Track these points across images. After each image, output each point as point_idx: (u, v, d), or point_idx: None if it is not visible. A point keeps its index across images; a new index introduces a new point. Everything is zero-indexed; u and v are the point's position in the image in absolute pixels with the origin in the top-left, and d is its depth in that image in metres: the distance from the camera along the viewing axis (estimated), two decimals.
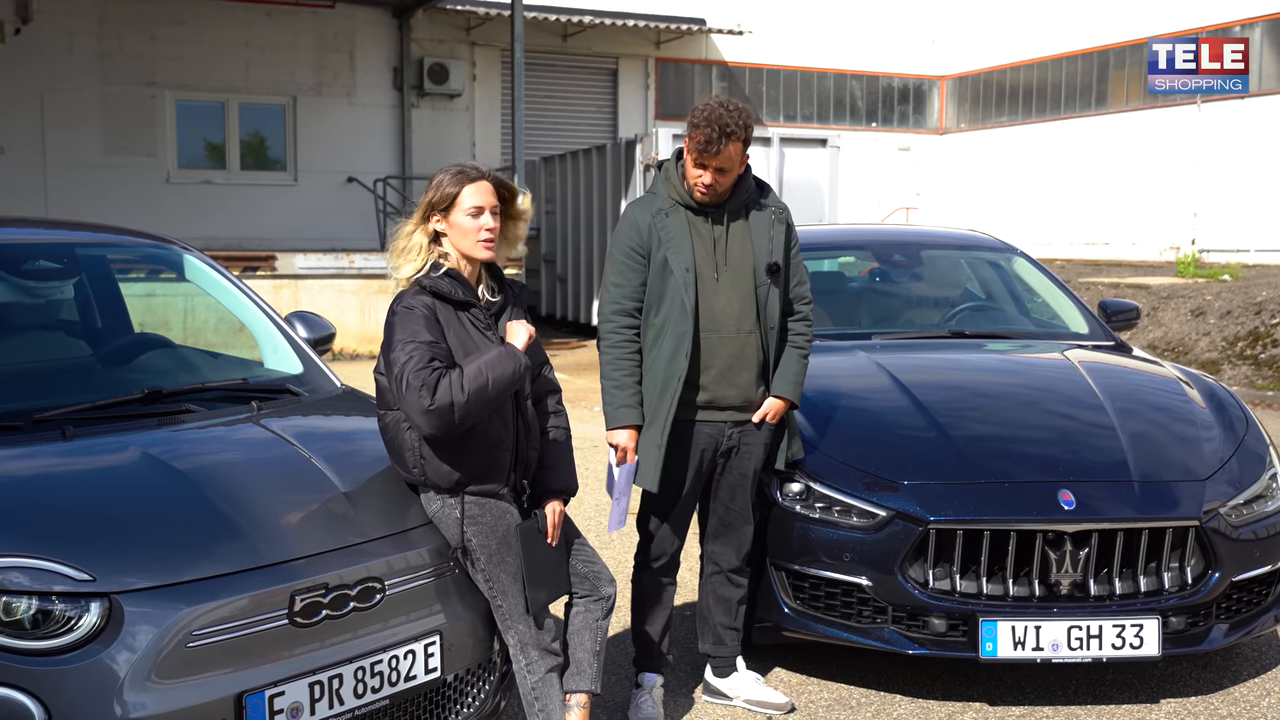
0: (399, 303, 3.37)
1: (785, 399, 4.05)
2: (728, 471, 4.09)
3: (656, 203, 4.01)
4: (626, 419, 3.95)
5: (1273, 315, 13.42)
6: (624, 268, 3.99)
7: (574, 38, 23.01)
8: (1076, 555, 4.05)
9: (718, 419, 4.01)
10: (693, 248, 3.94)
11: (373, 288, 15.80)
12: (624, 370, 3.97)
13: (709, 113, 3.84)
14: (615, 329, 3.99)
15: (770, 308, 3.99)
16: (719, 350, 3.95)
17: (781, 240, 4.03)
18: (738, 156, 3.88)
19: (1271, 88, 21.17)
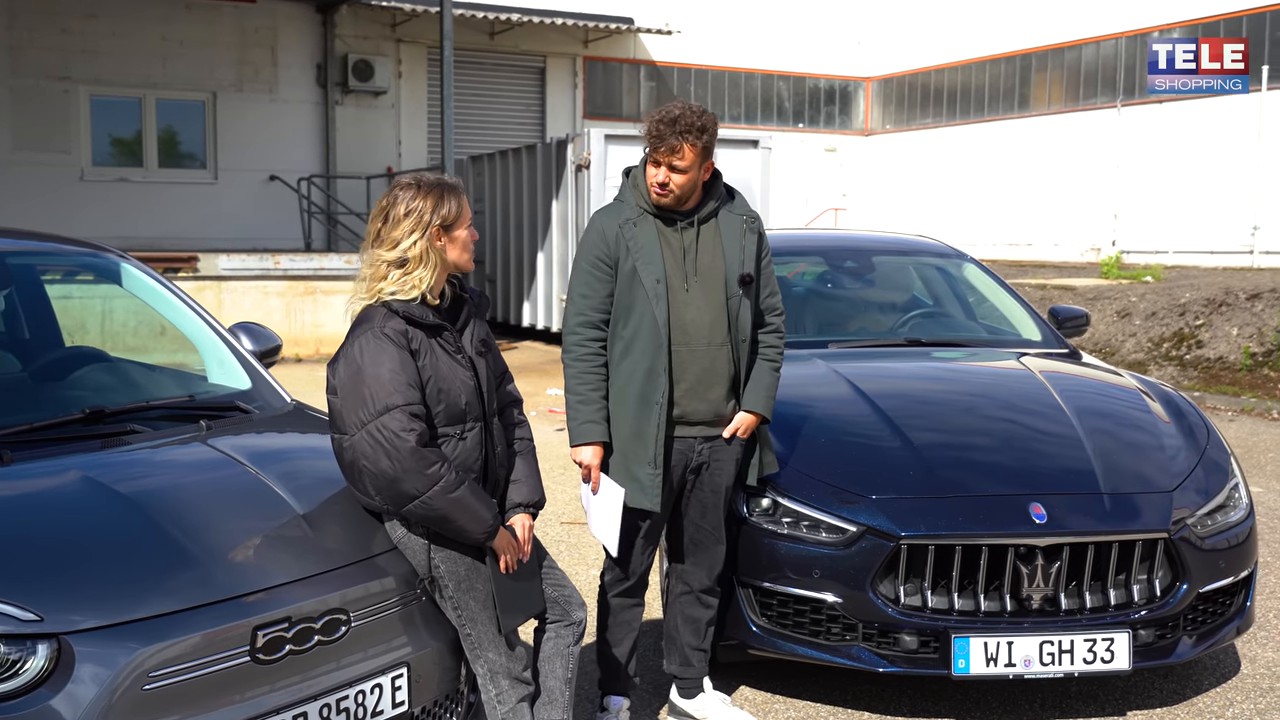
0: (367, 325, 3.19)
1: (756, 414, 3.94)
2: (697, 488, 3.96)
3: (624, 211, 3.87)
4: (591, 435, 3.82)
5: (1196, 316, 13.68)
6: (590, 278, 3.84)
7: (501, 36, 22.78)
8: (1048, 569, 4.01)
9: (688, 434, 3.89)
10: (662, 258, 3.80)
11: (299, 289, 15.45)
12: (589, 385, 3.84)
13: (665, 111, 3.76)
14: (581, 341, 3.86)
15: (742, 319, 3.87)
16: (690, 364, 3.83)
17: (754, 250, 3.90)
18: (695, 158, 3.73)
19: (1189, 92, 21.64)
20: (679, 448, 3.88)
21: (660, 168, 3.75)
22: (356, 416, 3.12)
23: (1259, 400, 11.54)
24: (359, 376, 3.13)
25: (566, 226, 16.31)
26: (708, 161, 3.81)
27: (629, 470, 3.82)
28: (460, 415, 3.25)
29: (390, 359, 3.13)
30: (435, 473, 3.08)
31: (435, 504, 3.10)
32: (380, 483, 3.11)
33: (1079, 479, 4.21)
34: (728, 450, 3.95)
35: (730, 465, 3.97)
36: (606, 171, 15.44)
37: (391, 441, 3.06)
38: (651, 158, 3.77)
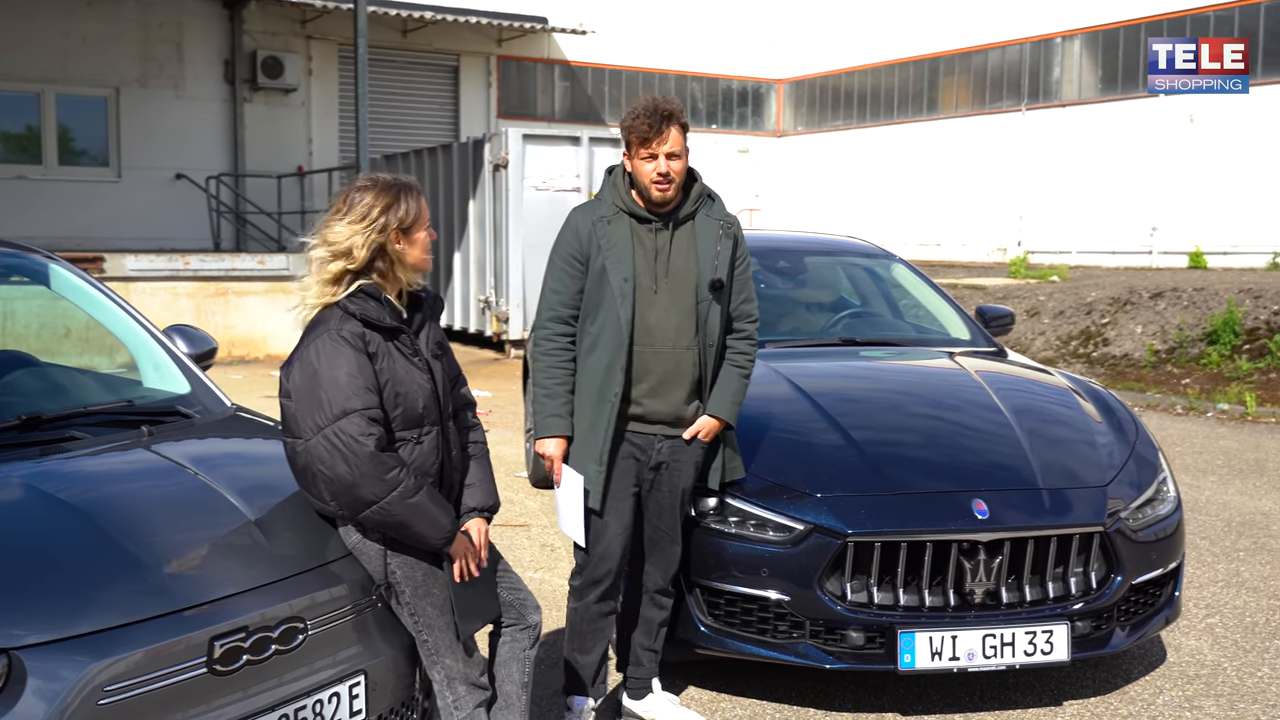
0: (323, 328, 3.13)
1: (719, 419, 3.95)
2: (656, 488, 3.98)
3: (600, 209, 3.89)
4: (555, 428, 3.86)
5: (1102, 315, 14.06)
6: (562, 274, 3.88)
7: (414, 33, 22.55)
8: (990, 564, 4.09)
9: (647, 431, 3.91)
10: (633, 257, 3.81)
11: (209, 290, 15.13)
12: (555, 379, 3.87)
13: (642, 104, 3.77)
14: (549, 336, 3.89)
15: (711, 324, 3.88)
16: (653, 365, 3.85)
17: (728, 255, 3.91)
18: (683, 144, 3.77)
19: (1090, 97, 22.27)
20: (639, 443, 3.90)
21: (657, 160, 3.75)
22: (312, 421, 3.06)
23: (1164, 396, 11.91)
24: (315, 380, 3.07)
25: (484, 227, 16.21)
26: (686, 145, 3.83)
27: (581, 464, 3.85)
28: (417, 419, 3.21)
29: (348, 362, 3.07)
30: (394, 478, 3.04)
31: (393, 509, 3.05)
32: (337, 488, 3.06)
33: (1017, 475, 4.30)
34: (687, 452, 3.96)
35: (689, 467, 3.98)
36: (525, 171, 15.38)
37: (349, 446, 3.01)
38: (644, 153, 3.76)
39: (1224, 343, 12.42)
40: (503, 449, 9.42)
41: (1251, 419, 10.98)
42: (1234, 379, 11.92)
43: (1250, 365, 12.01)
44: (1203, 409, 11.39)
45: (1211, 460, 9.07)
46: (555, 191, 15.53)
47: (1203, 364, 12.44)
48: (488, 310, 16.19)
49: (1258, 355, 12.16)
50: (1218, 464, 8.94)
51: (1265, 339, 12.26)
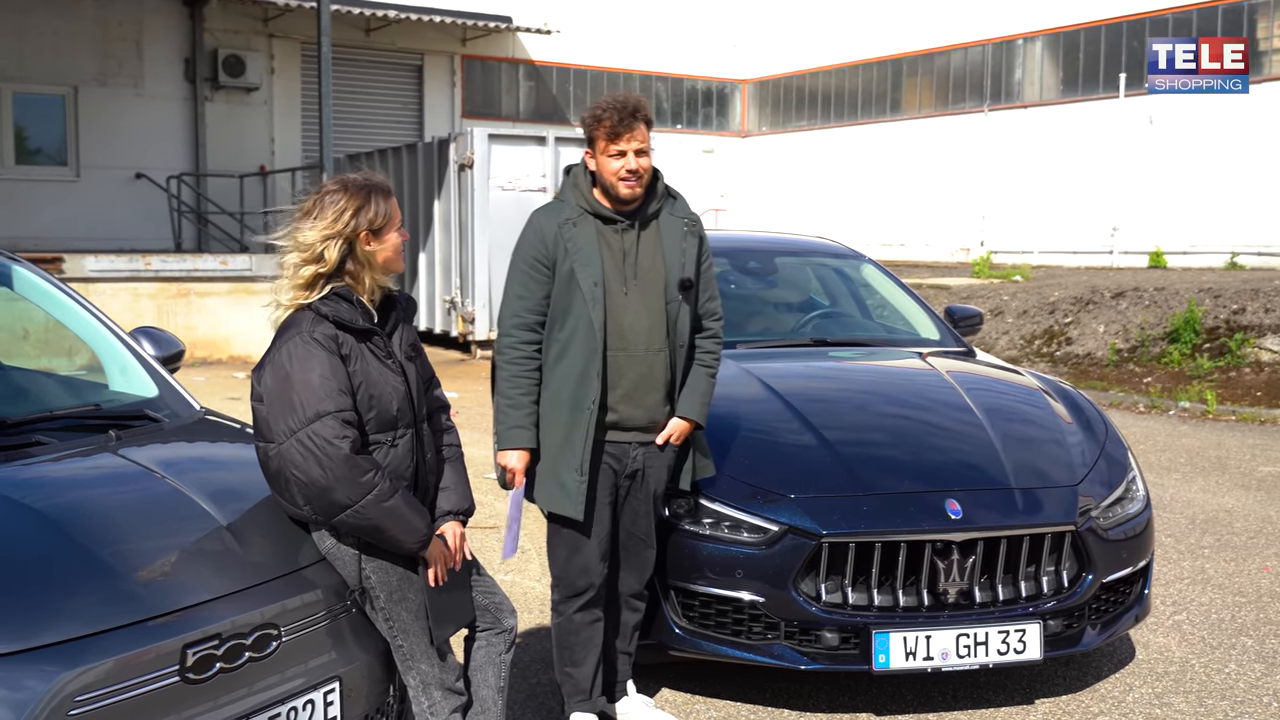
0: (295, 330, 3.09)
1: (690, 420, 3.91)
2: (631, 495, 3.93)
3: (564, 211, 3.82)
4: (518, 440, 3.78)
5: (1065, 315, 14.18)
6: (527, 279, 3.79)
7: (377, 32, 22.42)
8: (963, 563, 4.10)
9: (623, 439, 3.85)
10: (601, 260, 3.75)
11: (171, 291, 14.96)
12: (520, 389, 3.79)
13: (607, 101, 3.73)
14: (515, 344, 3.81)
15: (681, 325, 3.84)
16: (626, 369, 3.78)
17: (694, 253, 3.88)
18: (648, 140, 3.73)
19: (1052, 98, 22.46)
20: (614, 453, 3.84)
21: (625, 157, 3.69)
22: (285, 424, 3.03)
23: (1126, 394, 12.03)
24: (287, 383, 3.04)
25: (449, 226, 16.14)
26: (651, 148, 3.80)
27: (557, 476, 3.78)
28: (392, 422, 3.18)
29: (320, 364, 3.04)
30: (368, 481, 3.01)
31: (368, 513, 3.02)
32: (311, 492, 3.02)
33: (990, 475, 4.32)
34: (661, 456, 3.92)
35: (662, 472, 3.94)
36: (490, 171, 15.33)
37: (323, 449, 2.98)
38: (613, 150, 3.70)
39: (1185, 341, 12.56)
40: (471, 450, 9.32)
41: (1212, 417, 11.11)
42: (1195, 377, 12.06)
43: (1211, 364, 12.16)
44: (1165, 407, 11.51)
45: (1175, 458, 9.17)
46: (521, 191, 15.48)
47: (1164, 362, 12.58)
48: (453, 311, 16.12)
49: (1218, 354, 12.31)
50: (1180, 461, 9.04)
51: (1225, 338, 12.41)
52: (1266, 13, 19.28)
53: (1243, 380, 11.80)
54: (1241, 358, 12.07)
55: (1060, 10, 21.95)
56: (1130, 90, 20.76)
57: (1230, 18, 19.74)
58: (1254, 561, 6.33)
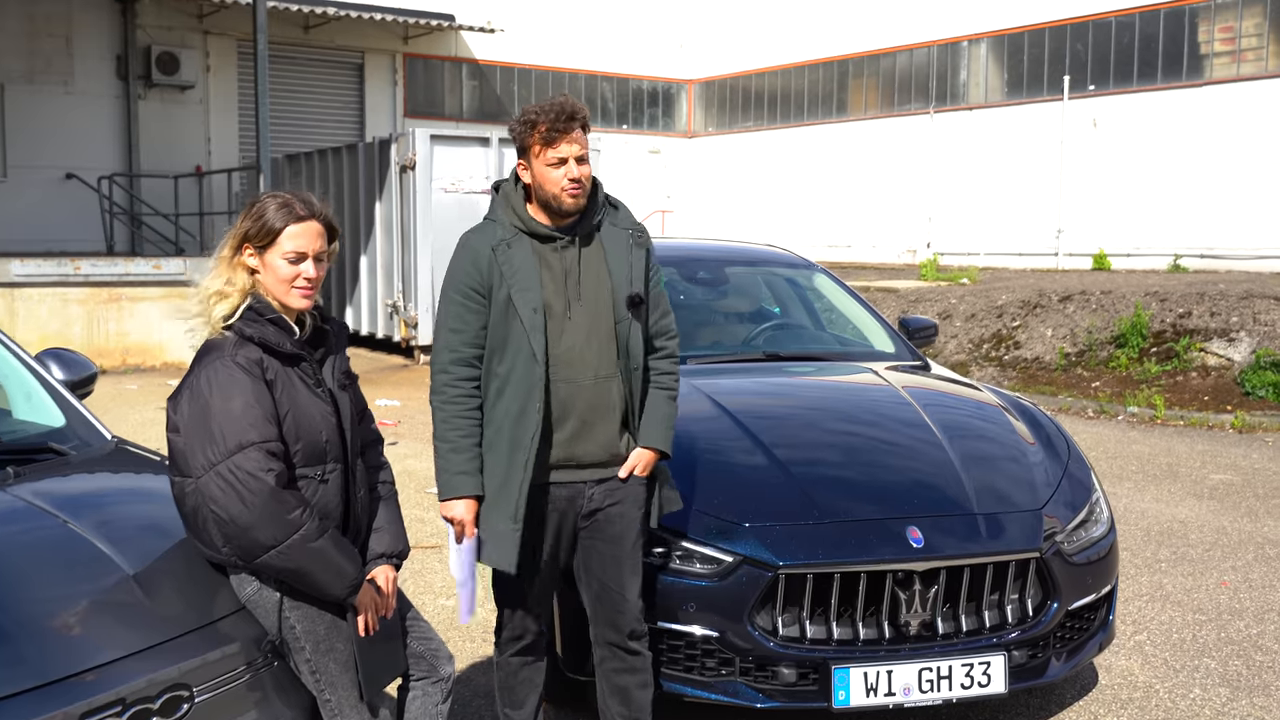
0: (214, 355, 2.84)
1: (655, 449, 3.56)
2: (595, 538, 3.57)
3: (497, 232, 3.49)
4: (463, 488, 3.43)
5: (1013, 318, 14.15)
6: (461, 310, 3.45)
7: (316, 30, 21.98)
8: (925, 594, 3.92)
9: (576, 479, 3.51)
10: (541, 283, 3.45)
11: (102, 296, 14.50)
12: (460, 430, 3.44)
13: (539, 105, 3.41)
14: (451, 381, 3.46)
15: (633, 346, 3.49)
16: (574, 400, 3.46)
17: (642, 266, 3.54)
18: (588, 145, 3.43)
19: (997, 100, 22.52)
20: (564, 494, 3.51)
21: (565, 164, 3.37)
22: (204, 456, 2.77)
23: (1075, 399, 11.98)
24: (206, 411, 2.78)
25: (391, 229, 15.82)
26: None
27: (491, 524, 3.46)
28: (320, 454, 2.93)
29: (243, 391, 2.79)
30: (295, 519, 2.76)
31: (294, 555, 2.77)
32: (231, 530, 2.77)
33: (951, 500, 4.14)
34: (626, 491, 3.55)
35: (632, 509, 3.57)
36: (433, 173, 15.04)
37: (246, 483, 2.73)
38: (552, 158, 3.37)
39: (1132, 345, 12.55)
40: (411, 463, 9.10)
41: (1161, 422, 11.09)
42: (1143, 382, 12.05)
43: (1158, 368, 12.15)
44: (1114, 412, 11.47)
45: (1125, 466, 9.10)
46: (465, 193, 15.20)
47: (1112, 367, 12.56)
48: (395, 315, 15.79)
49: (1165, 358, 12.30)
50: (1132, 469, 8.97)
51: (1171, 342, 12.41)
52: (1208, 16, 19.44)
53: (1190, 385, 11.80)
54: (1188, 362, 12.07)
55: (1005, 12, 22.00)
56: (1074, 93, 20.86)
57: (1172, 21, 19.88)
58: (1211, 576, 6.23)
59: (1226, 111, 18.93)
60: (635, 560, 3.60)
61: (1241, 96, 18.81)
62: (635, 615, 3.59)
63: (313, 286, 2.93)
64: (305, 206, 2.92)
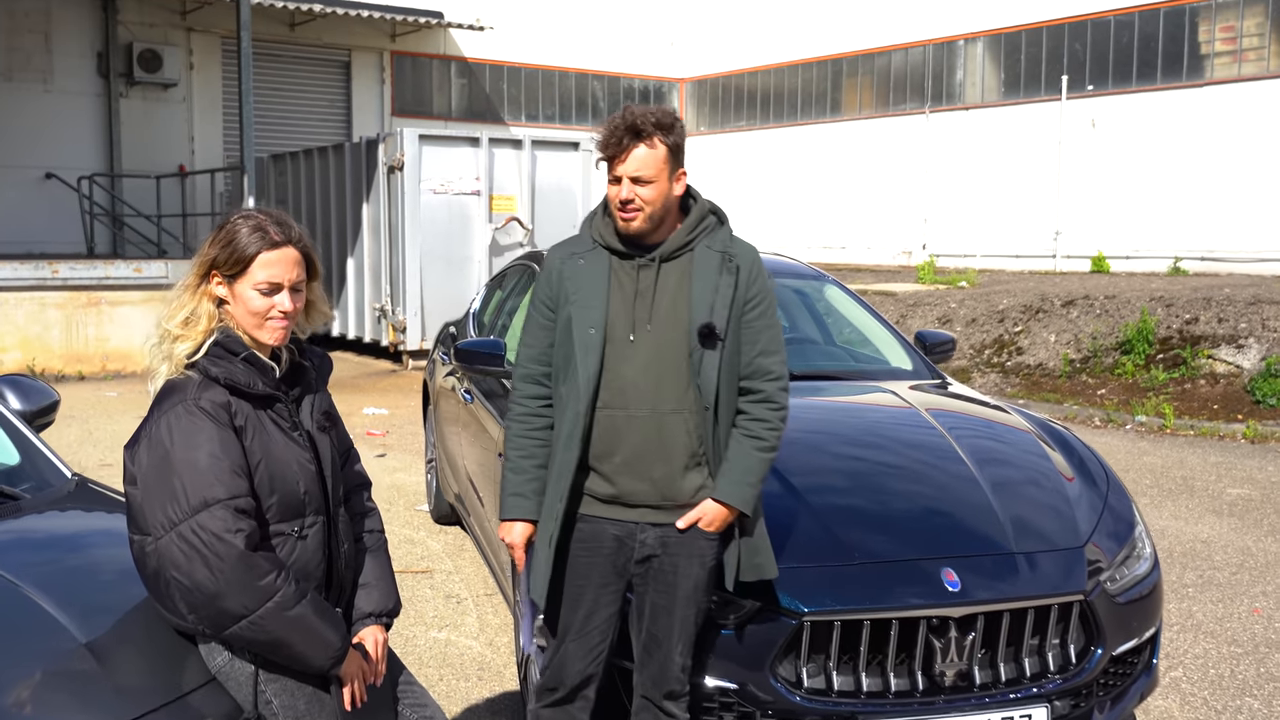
0: (175, 398, 2.51)
1: (728, 505, 3.19)
2: (649, 587, 3.29)
3: (576, 245, 3.29)
4: (516, 509, 3.27)
5: (1015, 323, 13.86)
6: (534, 324, 3.31)
7: (302, 27, 21.59)
8: (962, 641, 3.60)
9: (627, 518, 3.24)
10: (607, 301, 3.17)
11: (81, 300, 14.12)
12: (522, 451, 3.28)
13: (620, 113, 3.15)
14: (520, 398, 3.31)
15: (706, 381, 3.13)
16: (625, 433, 3.16)
17: (729, 294, 3.16)
18: (659, 165, 3.10)
19: (993, 100, 22.25)
20: (614, 532, 3.25)
21: (621, 183, 3.11)
22: (165, 514, 2.44)
23: (1081, 407, 11.70)
24: (167, 463, 2.45)
25: (378, 231, 15.47)
26: (679, 170, 3.17)
27: (534, 550, 3.28)
28: (298, 508, 2.60)
29: (209, 440, 2.46)
30: (269, 585, 2.43)
31: (268, 625, 2.45)
32: (196, 599, 2.44)
33: (988, 538, 3.83)
34: (686, 544, 3.23)
35: (691, 564, 3.25)
36: (421, 174, 14.71)
37: (211, 546, 2.40)
38: (611, 175, 3.14)
39: (1138, 352, 12.27)
40: (400, 476, 8.77)
41: (1170, 431, 10.81)
42: (1150, 389, 11.77)
43: (1165, 375, 11.87)
44: (1121, 421, 11.19)
45: (1139, 479, 8.80)
46: (454, 195, 14.88)
47: (1117, 374, 12.28)
48: (383, 319, 15.44)
49: (1172, 365, 12.03)
50: (1146, 483, 8.68)
51: (1179, 349, 12.14)
52: (1208, 16, 19.18)
53: (1198, 392, 11.52)
54: (1196, 369, 11.80)
55: (1002, 11, 21.73)
56: (1072, 93, 20.60)
57: (1172, 20, 19.62)
58: (1241, 603, 5.94)
59: (1227, 112, 18.68)
60: (687, 617, 3.31)
61: (1242, 97, 18.57)
62: (677, 675, 3.33)
63: (288, 320, 2.60)
64: (281, 231, 2.59)
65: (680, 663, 3.32)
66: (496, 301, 6.90)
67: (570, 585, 3.26)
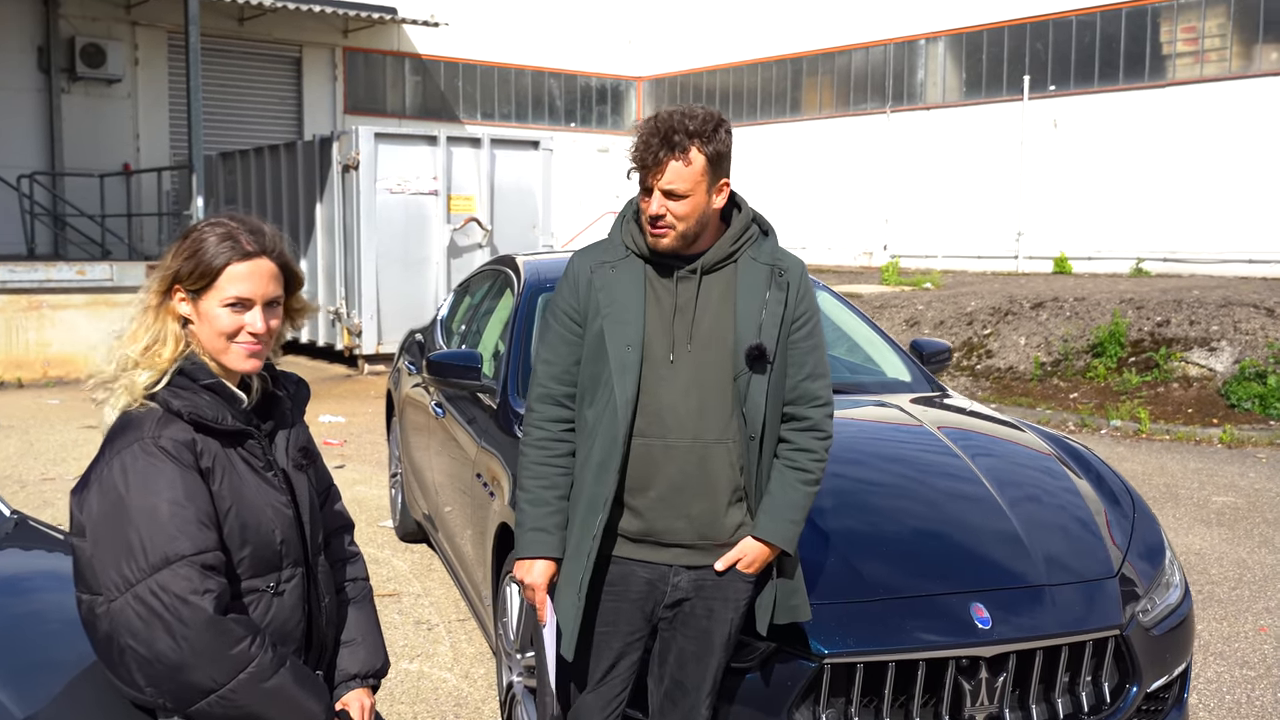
0: (130, 436, 2.16)
1: (769, 544, 2.90)
2: (678, 632, 2.98)
3: (606, 251, 2.93)
4: (538, 546, 2.90)
5: (984, 325, 13.69)
6: (555, 338, 2.92)
7: (251, 22, 21.05)
8: (993, 682, 3.32)
9: (659, 559, 2.90)
10: (644, 316, 2.83)
11: (21, 304, 13.55)
12: (543, 481, 2.91)
13: (656, 117, 2.79)
14: (538, 422, 2.94)
15: (752, 408, 2.83)
16: (663, 464, 2.83)
17: (778, 311, 2.85)
18: (696, 179, 2.75)
19: (955, 100, 22.15)
20: (645, 575, 2.91)
21: (652, 196, 2.77)
22: (119, 573, 2.10)
23: (1055, 412, 11.53)
24: (122, 512, 2.11)
25: (333, 231, 15.04)
26: (721, 181, 2.82)
27: (559, 597, 2.90)
28: (274, 560, 2.26)
29: (170, 484, 2.12)
30: (242, 654, 2.09)
31: (242, 699, 2.11)
32: (157, 671, 2.09)
33: (1018, 570, 3.55)
34: (722, 587, 2.93)
35: (727, 609, 2.95)
36: (377, 173, 14.29)
37: (174, 610, 2.06)
38: (641, 184, 2.80)
39: (1110, 355, 12.13)
40: (361, 489, 8.38)
41: (1146, 436, 10.66)
42: (1123, 393, 11.62)
43: (1139, 379, 11.74)
44: (1096, 425, 11.03)
45: None
46: (411, 195, 14.48)
47: (1089, 377, 12.13)
48: (338, 323, 15.00)
49: (1144, 368, 11.90)
50: None
51: (1150, 351, 12.01)
52: (1170, 16, 19.18)
53: (1172, 396, 11.39)
54: (1169, 372, 11.67)
55: (963, 11, 21.63)
56: (1034, 93, 20.53)
57: (1134, 21, 19.60)
58: (1246, 621, 5.73)
59: (1189, 113, 18.68)
60: (719, 665, 3.02)
61: (1204, 98, 18.57)
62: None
63: (261, 343, 2.25)
64: (254, 239, 2.24)
65: (706, 715, 3.05)
66: (466, 308, 6.57)
67: (597, 633, 2.93)
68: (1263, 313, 11.99)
